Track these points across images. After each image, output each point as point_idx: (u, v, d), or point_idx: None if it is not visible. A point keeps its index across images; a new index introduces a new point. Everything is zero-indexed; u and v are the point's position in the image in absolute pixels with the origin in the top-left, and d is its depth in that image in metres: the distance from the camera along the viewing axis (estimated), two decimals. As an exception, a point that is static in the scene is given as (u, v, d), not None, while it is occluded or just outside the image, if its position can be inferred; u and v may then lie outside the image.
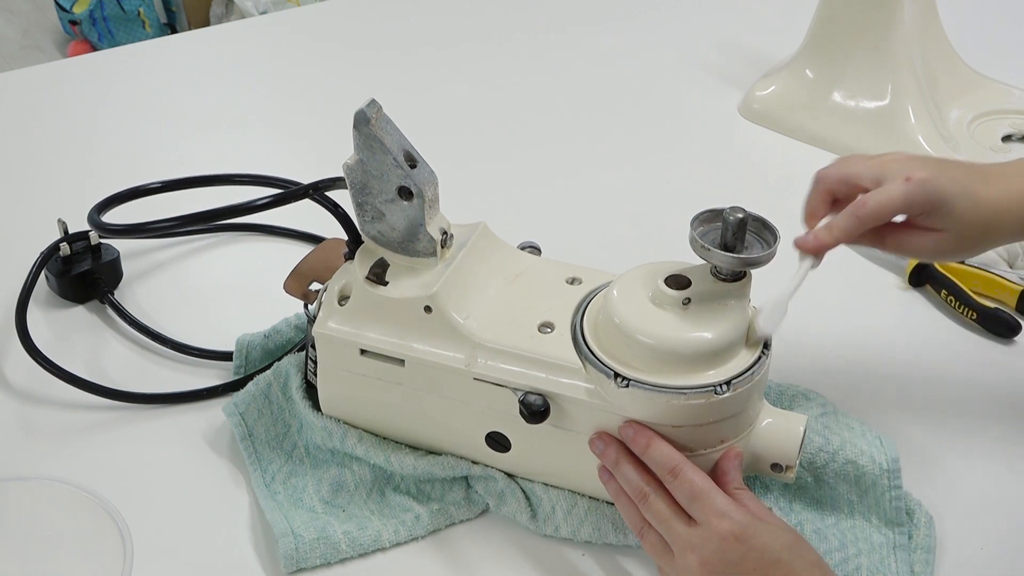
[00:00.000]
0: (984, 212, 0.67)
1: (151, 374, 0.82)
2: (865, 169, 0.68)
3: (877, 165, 0.68)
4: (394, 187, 0.66)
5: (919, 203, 0.66)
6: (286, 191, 0.71)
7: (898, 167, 0.67)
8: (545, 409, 0.65)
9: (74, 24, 2.97)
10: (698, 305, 0.64)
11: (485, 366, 0.66)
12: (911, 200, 0.66)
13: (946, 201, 0.66)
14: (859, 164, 0.69)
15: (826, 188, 0.68)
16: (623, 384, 0.63)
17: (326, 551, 0.67)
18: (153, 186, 0.82)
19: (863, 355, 0.85)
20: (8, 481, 0.72)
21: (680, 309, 0.64)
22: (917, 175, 0.66)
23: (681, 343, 0.63)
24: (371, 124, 0.64)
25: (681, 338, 0.63)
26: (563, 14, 1.42)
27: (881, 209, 0.66)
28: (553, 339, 0.66)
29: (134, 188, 0.81)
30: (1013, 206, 0.68)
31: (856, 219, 0.66)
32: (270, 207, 0.70)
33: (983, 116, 1.14)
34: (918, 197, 0.66)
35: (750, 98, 1.18)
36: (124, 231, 0.71)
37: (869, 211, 0.66)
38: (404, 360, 0.68)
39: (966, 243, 0.69)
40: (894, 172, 0.67)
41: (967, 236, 0.68)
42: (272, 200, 0.70)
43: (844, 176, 0.68)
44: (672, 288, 0.64)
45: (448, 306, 0.67)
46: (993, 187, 0.68)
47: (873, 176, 0.67)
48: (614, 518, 0.68)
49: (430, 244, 0.68)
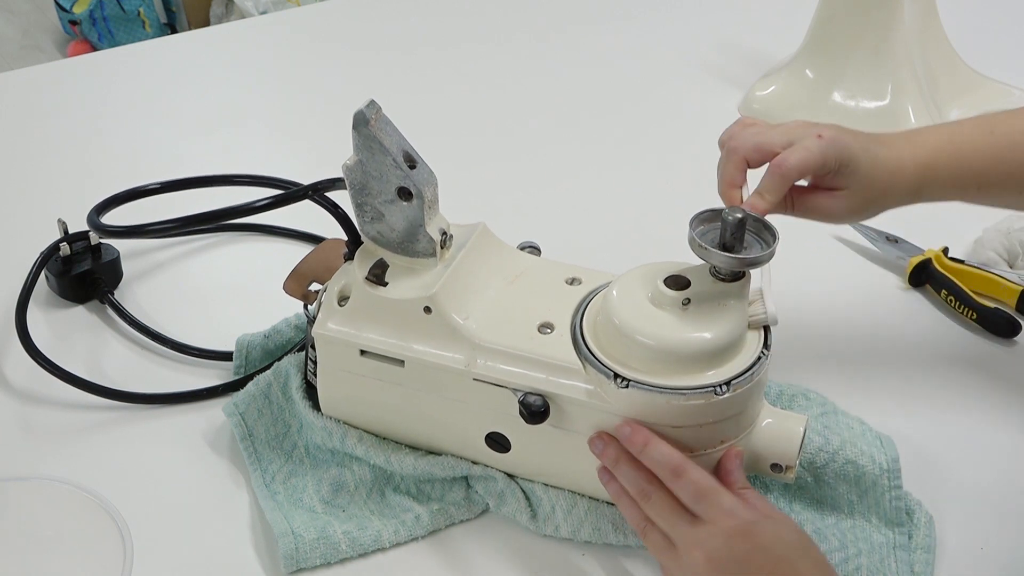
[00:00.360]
0: (882, 172, 0.71)
1: (151, 374, 0.82)
2: (776, 135, 0.71)
3: (784, 131, 0.71)
4: (393, 188, 0.66)
5: (833, 158, 0.69)
6: (286, 192, 0.71)
7: (804, 129, 0.70)
8: (545, 410, 0.65)
9: (74, 24, 2.97)
10: (697, 305, 0.64)
11: (485, 367, 0.66)
12: (826, 155, 0.69)
13: (853, 157, 0.70)
14: (768, 131, 0.71)
15: (742, 157, 0.70)
16: (623, 385, 0.63)
17: (326, 551, 0.67)
18: (152, 187, 0.82)
19: (863, 355, 0.85)
20: (8, 481, 0.72)
21: (679, 309, 0.64)
22: (827, 133, 0.70)
23: (680, 343, 0.63)
24: (370, 125, 0.64)
25: (680, 338, 0.63)
26: (563, 14, 1.43)
27: (803, 164, 0.68)
28: (553, 340, 0.66)
29: (133, 189, 0.81)
30: (907, 169, 0.72)
31: (781, 177, 0.68)
32: (270, 208, 0.70)
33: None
34: (831, 152, 0.69)
35: (750, 98, 1.18)
36: (123, 232, 0.71)
37: (792, 166, 0.68)
38: (404, 361, 0.68)
39: (866, 203, 0.72)
40: (803, 133, 0.70)
41: (868, 196, 0.72)
42: (272, 201, 0.70)
43: (757, 144, 0.70)
44: (671, 288, 0.64)
45: (448, 307, 0.67)
46: (889, 149, 0.72)
47: (783, 141, 0.70)
48: (614, 518, 0.68)
49: (430, 245, 0.68)
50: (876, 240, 0.95)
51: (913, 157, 0.73)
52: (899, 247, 0.94)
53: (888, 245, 0.95)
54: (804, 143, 0.69)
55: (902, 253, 0.93)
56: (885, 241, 0.95)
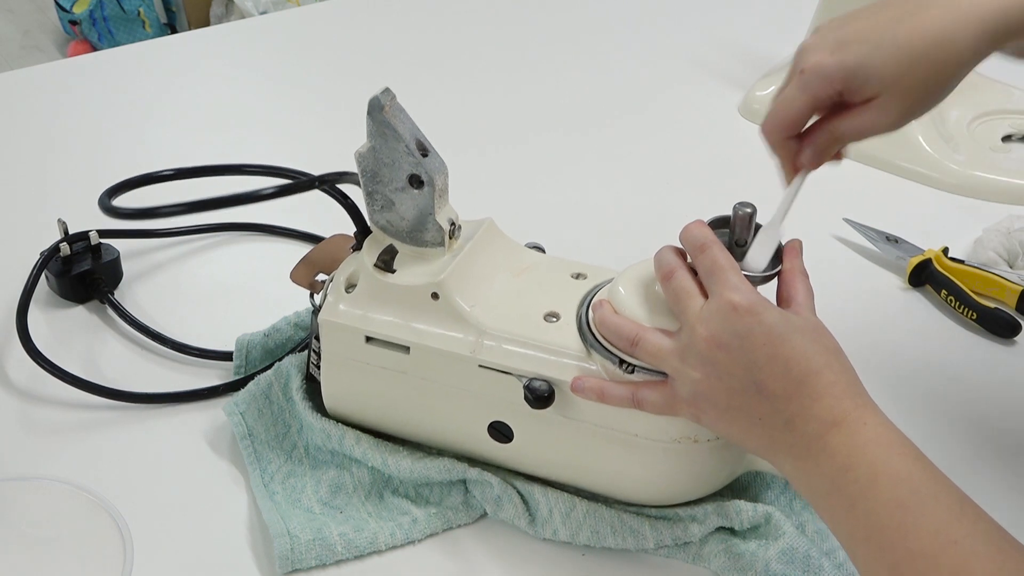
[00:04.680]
0: (919, 55, 0.59)
1: (151, 374, 0.82)
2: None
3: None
4: (405, 175, 0.66)
5: (828, 89, 0.61)
6: (294, 182, 0.71)
7: (797, 63, 0.63)
8: (550, 395, 0.65)
9: (74, 24, 2.98)
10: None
11: (490, 353, 0.66)
12: (817, 95, 0.61)
13: (862, 64, 0.60)
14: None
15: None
16: (628, 370, 0.63)
17: (322, 552, 0.67)
18: (166, 173, 0.83)
19: (863, 355, 0.84)
20: (8, 481, 0.72)
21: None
22: (810, 62, 0.61)
23: None
24: (384, 111, 0.64)
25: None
26: (565, 15, 1.43)
27: (785, 123, 0.63)
28: (559, 328, 0.67)
29: (146, 175, 0.81)
30: (966, 26, 0.59)
31: (771, 145, 0.64)
32: (277, 196, 0.69)
33: (983, 116, 1.14)
34: (822, 85, 0.61)
35: (750, 98, 1.18)
36: (135, 214, 0.70)
37: (771, 129, 0.63)
38: (409, 347, 0.68)
39: (912, 99, 0.61)
40: (792, 71, 0.63)
41: (910, 89, 0.60)
42: (279, 190, 0.70)
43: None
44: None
45: (455, 293, 0.67)
46: (923, 17, 0.60)
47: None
48: (613, 521, 0.68)
49: (439, 234, 0.68)
50: (876, 240, 0.95)
51: (973, 6, 0.59)
52: (899, 247, 0.94)
53: (888, 245, 0.95)
54: (784, 94, 0.62)
55: (902, 253, 0.93)
56: (885, 241, 0.95)
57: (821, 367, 0.57)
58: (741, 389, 0.58)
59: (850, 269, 0.94)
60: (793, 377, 0.57)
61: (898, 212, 1.00)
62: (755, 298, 0.58)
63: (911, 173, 1.06)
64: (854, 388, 0.58)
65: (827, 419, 0.56)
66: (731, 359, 0.58)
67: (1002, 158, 1.08)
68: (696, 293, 0.61)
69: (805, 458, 0.57)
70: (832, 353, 0.58)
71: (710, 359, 0.59)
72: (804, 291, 0.62)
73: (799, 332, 0.58)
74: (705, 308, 0.59)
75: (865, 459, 0.55)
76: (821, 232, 0.98)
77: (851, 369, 0.59)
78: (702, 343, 0.59)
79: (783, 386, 0.57)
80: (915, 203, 1.03)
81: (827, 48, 0.61)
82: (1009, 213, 0.97)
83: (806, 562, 0.65)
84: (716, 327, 0.58)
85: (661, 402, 0.62)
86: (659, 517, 0.69)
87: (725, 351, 0.58)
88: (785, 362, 0.57)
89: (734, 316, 0.58)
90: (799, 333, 0.58)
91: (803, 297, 0.61)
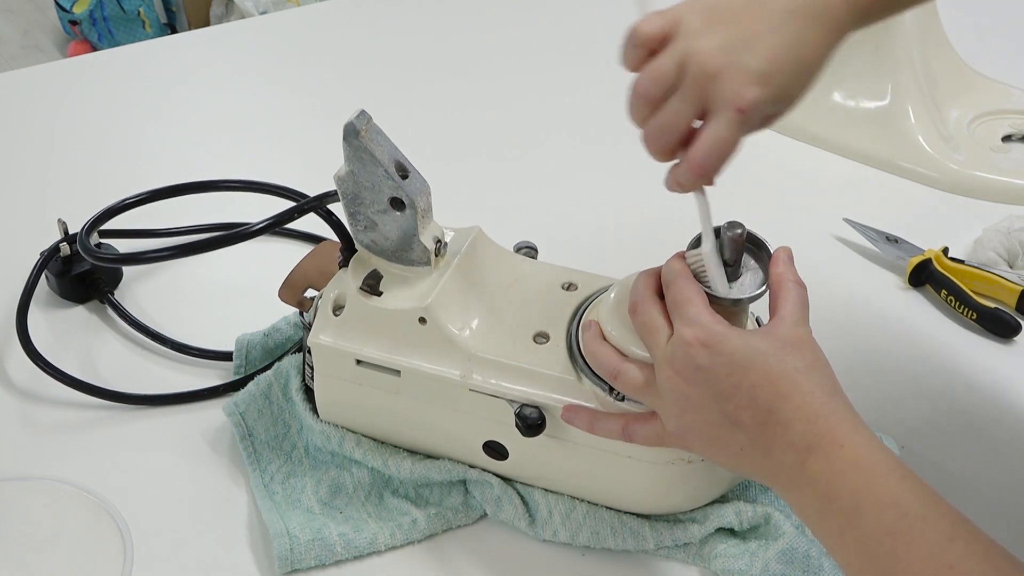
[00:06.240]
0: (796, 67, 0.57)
1: (151, 374, 0.82)
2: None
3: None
4: (386, 198, 0.65)
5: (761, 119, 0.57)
6: (279, 215, 0.70)
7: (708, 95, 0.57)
8: (541, 423, 0.65)
9: (74, 24, 2.97)
10: None
11: (480, 379, 0.66)
12: (752, 128, 0.57)
13: (784, 95, 0.57)
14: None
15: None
16: (618, 398, 0.63)
17: (321, 553, 0.67)
18: (141, 196, 0.82)
19: (863, 355, 0.85)
20: (8, 481, 0.72)
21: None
22: (744, 100, 0.55)
23: None
24: (360, 136, 0.63)
25: None
26: (561, 14, 1.42)
27: (722, 159, 0.59)
28: (548, 350, 0.66)
29: (120, 203, 0.80)
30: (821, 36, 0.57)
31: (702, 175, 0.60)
32: (264, 232, 0.70)
33: (983, 116, 1.14)
34: (756, 123, 0.58)
35: (750, 98, 1.18)
36: (117, 260, 0.69)
37: (703, 161, 0.59)
38: (400, 371, 0.68)
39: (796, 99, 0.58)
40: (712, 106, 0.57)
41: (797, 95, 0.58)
42: (266, 225, 0.70)
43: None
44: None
45: (443, 318, 0.66)
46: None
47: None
48: (612, 522, 0.68)
49: (424, 254, 0.67)
50: (876, 240, 0.95)
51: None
52: (899, 247, 0.94)
53: (888, 245, 0.94)
54: (715, 128, 0.57)
55: (902, 253, 0.93)
56: (885, 241, 0.95)
57: (789, 391, 0.55)
58: (716, 422, 0.57)
59: (850, 269, 0.94)
60: (761, 406, 0.55)
61: (898, 212, 1.00)
62: (714, 329, 0.57)
63: (911, 173, 1.06)
64: (829, 405, 0.55)
65: (801, 446, 0.54)
66: (700, 393, 0.57)
67: (1002, 158, 1.07)
68: (661, 327, 0.59)
69: (789, 488, 0.56)
70: (802, 371, 0.56)
71: (682, 394, 0.58)
72: (791, 300, 0.59)
73: (763, 356, 0.56)
74: (669, 344, 0.58)
75: (846, 487, 0.53)
76: (821, 232, 0.98)
77: (826, 381, 0.56)
78: (669, 381, 0.58)
79: (752, 415, 0.56)
80: (915, 203, 1.03)
81: (749, 78, 0.56)
82: (1009, 213, 0.97)
83: (806, 562, 0.65)
84: (680, 363, 0.57)
85: (652, 435, 0.62)
86: (659, 518, 0.69)
87: (692, 385, 0.57)
88: (750, 390, 0.55)
89: (692, 351, 0.57)
90: (763, 357, 0.56)
91: (789, 307, 0.59)
